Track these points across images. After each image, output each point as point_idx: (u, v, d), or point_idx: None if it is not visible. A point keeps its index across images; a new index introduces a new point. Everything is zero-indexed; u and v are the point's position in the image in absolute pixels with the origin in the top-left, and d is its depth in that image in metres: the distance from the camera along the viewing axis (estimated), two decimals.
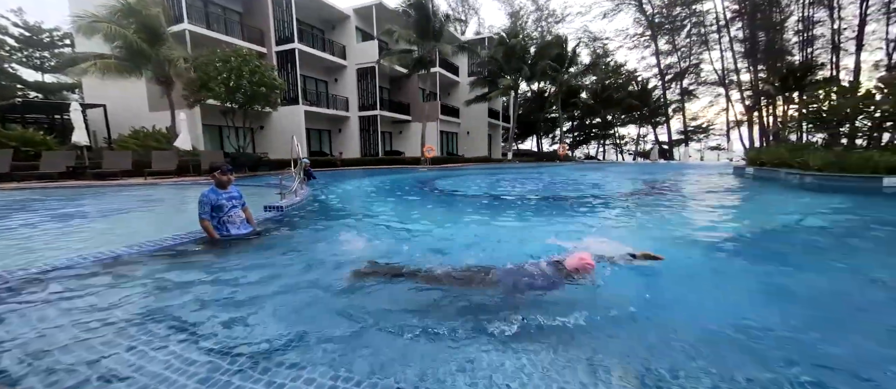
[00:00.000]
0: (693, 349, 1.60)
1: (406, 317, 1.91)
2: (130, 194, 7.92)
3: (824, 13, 27.27)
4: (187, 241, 3.41)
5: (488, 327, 1.77)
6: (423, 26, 19.42)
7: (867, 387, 1.38)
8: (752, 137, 30.24)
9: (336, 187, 9.51)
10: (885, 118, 9.02)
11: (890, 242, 3.93)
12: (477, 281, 2.26)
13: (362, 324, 1.84)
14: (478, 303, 2.07)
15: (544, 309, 1.94)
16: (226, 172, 3.64)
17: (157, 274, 2.57)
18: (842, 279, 2.71)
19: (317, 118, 20.84)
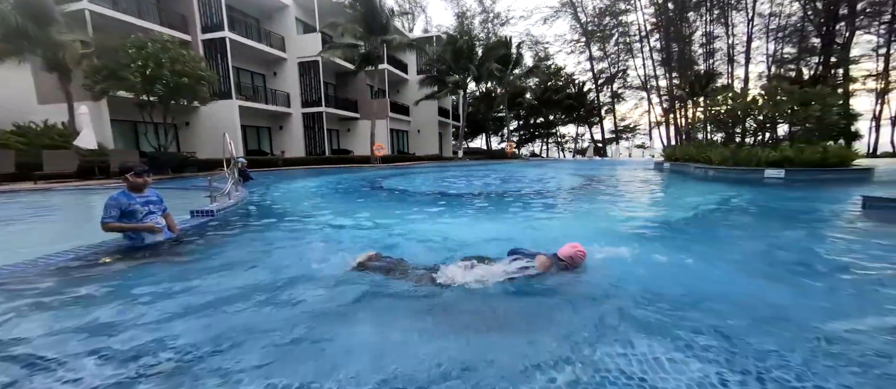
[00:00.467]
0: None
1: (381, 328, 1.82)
2: (16, 202, 6.63)
3: (722, 30, 31.98)
4: (87, 254, 2.96)
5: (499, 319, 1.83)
6: (370, 21, 18.91)
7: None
8: (669, 135, 34.33)
9: (277, 189, 8.89)
10: (765, 120, 10.83)
11: (764, 217, 4.96)
12: (478, 273, 2.28)
13: (300, 338, 1.70)
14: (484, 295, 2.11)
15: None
16: (141, 173, 3.19)
17: (45, 296, 2.19)
18: (729, 244, 3.28)
19: (254, 114, 19.27)
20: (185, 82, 12.18)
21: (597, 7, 38.46)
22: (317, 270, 2.61)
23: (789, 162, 8.46)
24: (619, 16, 37.33)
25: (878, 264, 2.73)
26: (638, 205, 6.37)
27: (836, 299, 2.18)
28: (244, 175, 9.64)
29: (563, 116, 41.25)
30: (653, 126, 38.91)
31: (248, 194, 6.86)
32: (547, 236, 4.00)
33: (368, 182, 10.47)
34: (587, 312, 1.95)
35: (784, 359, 1.45)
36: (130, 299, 2.15)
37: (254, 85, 19.89)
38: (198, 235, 3.82)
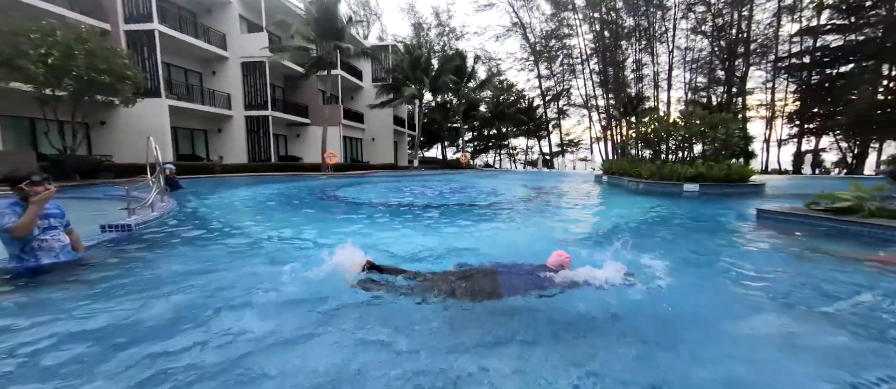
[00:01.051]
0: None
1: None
2: None
3: (648, 58, 36.10)
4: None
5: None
6: (324, 25, 18.33)
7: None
8: (607, 150, 37.58)
9: (211, 199, 8.12)
10: (683, 140, 12.35)
11: (682, 226, 5.57)
12: (478, 283, 2.29)
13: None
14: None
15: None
16: (36, 182, 2.65)
17: None
18: (653, 247, 3.64)
19: (188, 115, 17.52)
20: (102, 79, 10.72)
21: (544, 29, 41.31)
22: (256, 296, 2.39)
23: (702, 178, 9.70)
24: (563, 39, 40.45)
25: (757, 265, 3.23)
26: (581, 215, 6.86)
27: (716, 293, 2.53)
28: (172, 183, 8.67)
29: (514, 129, 43.26)
30: (593, 141, 42.38)
31: (175, 206, 6.16)
32: (504, 241, 4.12)
33: (317, 191, 9.99)
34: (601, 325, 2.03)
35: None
36: (12, 338, 1.80)
37: (188, 83, 18.12)
38: (110, 255, 3.33)
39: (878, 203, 4.47)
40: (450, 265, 2.89)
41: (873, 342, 1.87)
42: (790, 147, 31.96)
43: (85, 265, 2.90)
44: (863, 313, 2.24)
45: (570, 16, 38.65)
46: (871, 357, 1.74)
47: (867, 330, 1.98)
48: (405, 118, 33.54)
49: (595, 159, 39.86)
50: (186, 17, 17.72)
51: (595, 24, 37.05)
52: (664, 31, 34.90)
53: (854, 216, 4.36)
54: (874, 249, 3.63)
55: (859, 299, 2.43)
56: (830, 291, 2.59)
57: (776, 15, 29.62)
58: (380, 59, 24.66)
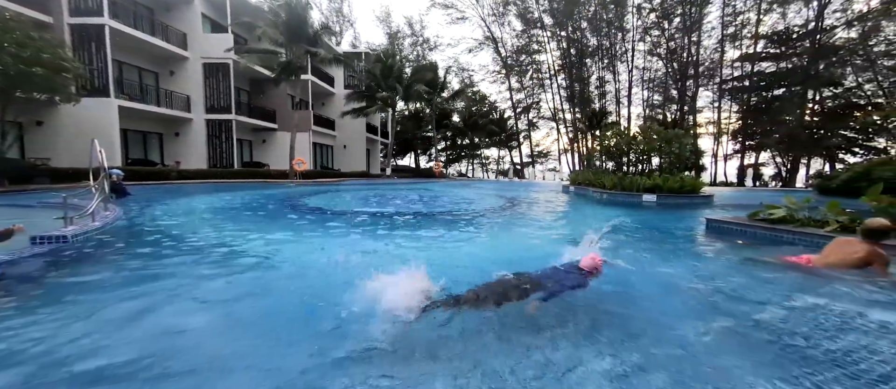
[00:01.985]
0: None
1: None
2: None
3: (610, 76, 38.42)
4: None
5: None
6: (293, 28, 17.88)
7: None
8: (574, 162, 39.19)
9: (164, 207, 7.56)
10: (642, 154, 13.18)
11: (638, 234, 5.75)
12: (515, 292, 2.29)
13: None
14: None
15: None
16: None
17: None
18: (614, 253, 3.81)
19: (142, 118, 16.33)
20: (34, 71, 9.76)
21: (515, 44, 42.76)
22: (193, 316, 2.23)
23: (659, 189, 10.36)
24: (532, 55, 42.07)
25: (706, 270, 3.48)
26: (552, 223, 7.07)
27: (665, 293, 2.70)
28: (119, 190, 8.00)
29: (486, 140, 44.10)
30: (561, 153, 44.09)
31: (121, 214, 5.67)
32: (482, 248, 4.14)
33: (282, 201, 9.60)
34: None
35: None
36: None
37: (143, 84, 16.93)
38: (41, 270, 3.00)
39: (807, 213, 4.99)
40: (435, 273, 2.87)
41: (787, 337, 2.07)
42: (734, 161, 35.01)
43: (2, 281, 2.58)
44: (784, 314, 2.47)
45: (539, 33, 40.36)
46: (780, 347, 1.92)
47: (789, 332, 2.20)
48: (378, 126, 33.23)
49: (563, 169, 41.46)
50: (142, 14, 16.64)
51: (562, 42, 38.93)
52: (624, 51, 37.34)
53: (787, 225, 4.82)
54: (798, 253, 4.05)
55: (782, 301, 2.69)
56: (757, 293, 2.84)
57: (720, 42, 32.65)
58: (352, 65, 24.37)
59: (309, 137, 22.67)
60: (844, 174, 8.50)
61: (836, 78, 27.04)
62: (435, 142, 35.54)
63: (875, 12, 23.79)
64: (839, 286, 2.82)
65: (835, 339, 2.02)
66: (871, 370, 1.69)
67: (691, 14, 32.82)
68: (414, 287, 2.22)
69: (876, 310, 2.37)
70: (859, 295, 2.66)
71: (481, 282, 2.42)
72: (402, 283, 2.24)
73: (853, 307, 2.42)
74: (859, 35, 24.95)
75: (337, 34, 40.56)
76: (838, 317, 2.30)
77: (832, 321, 2.26)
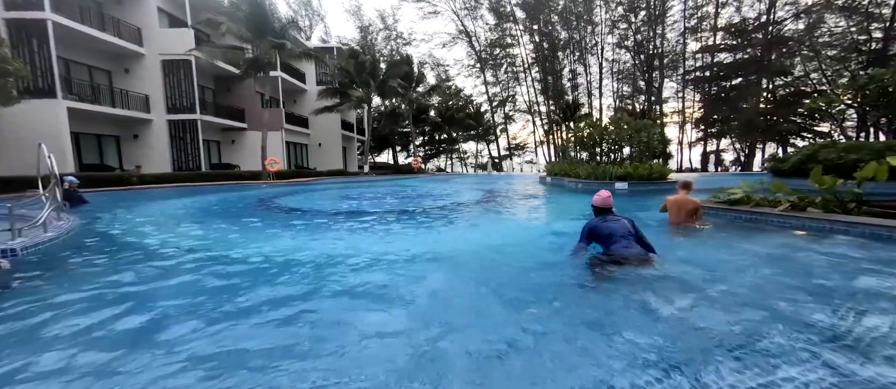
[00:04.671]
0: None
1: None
2: None
3: (582, 68, 39.45)
4: None
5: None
6: (258, 22, 17.12)
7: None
8: (550, 153, 40.07)
9: (129, 213, 7.11)
10: (614, 143, 13.67)
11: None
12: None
13: None
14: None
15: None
16: None
17: None
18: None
19: (94, 119, 15.22)
20: None
21: (488, 38, 42.94)
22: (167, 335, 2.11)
23: (630, 176, 10.80)
24: (506, 48, 42.42)
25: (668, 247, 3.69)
26: (533, 212, 7.23)
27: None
28: (74, 198, 7.45)
29: (464, 134, 44.26)
30: (537, 145, 44.94)
31: (77, 224, 5.29)
32: (467, 237, 4.17)
33: (254, 201, 9.26)
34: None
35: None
36: None
37: (94, 83, 15.73)
38: None
39: (761, 195, 5.36)
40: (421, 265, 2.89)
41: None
42: (698, 149, 37.00)
43: None
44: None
45: (511, 26, 40.71)
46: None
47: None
48: (354, 123, 32.58)
49: (540, 161, 42.29)
50: (90, 7, 15.39)
51: (534, 36, 39.49)
52: (594, 44, 38.37)
53: (743, 206, 5.17)
54: (756, 232, 4.37)
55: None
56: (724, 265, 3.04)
57: (683, 34, 34.20)
58: (324, 60, 23.64)
59: (281, 136, 21.91)
60: (794, 157, 9.17)
61: (787, 68, 29.04)
62: (413, 137, 35.27)
63: (818, 6, 25.66)
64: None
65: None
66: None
67: (655, 7, 34.12)
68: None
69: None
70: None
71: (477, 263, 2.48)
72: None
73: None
74: (806, 27, 26.86)
75: (306, 28, 39.27)
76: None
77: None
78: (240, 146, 21.59)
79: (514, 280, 2.95)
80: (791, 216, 4.47)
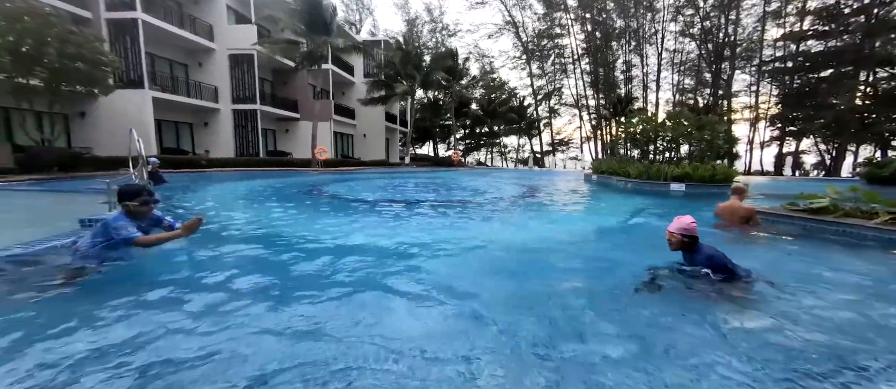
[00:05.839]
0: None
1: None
2: None
3: (638, 60, 36.66)
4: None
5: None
6: (312, 18, 18.03)
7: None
8: (597, 150, 38.04)
9: (199, 194, 7.95)
10: (671, 141, 12.59)
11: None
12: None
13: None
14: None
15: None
16: (149, 202, 2.90)
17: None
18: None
19: (173, 108, 17.09)
20: (76, 66, 10.35)
21: (536, 29, 41.45)
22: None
23: (688, 177, 9.90)
24: (555, 38, 40.67)
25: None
26: (579, 211, 6.94)
27: None
28: (156, 178, 8.46)
29: (505, 128, 43.43)
30: (583, 141, 42.86)
31: (159, 201, 6.00)
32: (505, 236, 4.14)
33: (308, 187, 9.87)
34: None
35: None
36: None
37: (173, 75, 17.65)
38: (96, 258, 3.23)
39: (852, 204, 4.64)
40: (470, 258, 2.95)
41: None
42: (772, 149, 32.91)
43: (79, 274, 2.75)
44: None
45: (562, 15, 38.89)
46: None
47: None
48: (397, 115, 33.34)
49: (585, 158, 40.34)
50: (171, 7, 17.21)
51: (586, 25, 37.38)
52: (653, 33, 35.46)
53: (829, 216, 4.51)
54: (847, 247, 3.80)
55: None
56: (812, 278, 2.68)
57: (761, 20, 30.36)
58: (372, 54, 24.40)
59: (330, 127, 23.06)
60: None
61: (894, 57, 24.63)
62: (454, 130, 35.31)
63: None
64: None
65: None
66: None
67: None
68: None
69: None
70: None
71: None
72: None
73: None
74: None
75: (356, 22, 40.65)
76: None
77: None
78: (293, 135, 23.08)
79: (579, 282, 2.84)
80: (891, 230, 3.82)
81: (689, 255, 2.71)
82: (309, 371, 1.53)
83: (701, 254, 2.63)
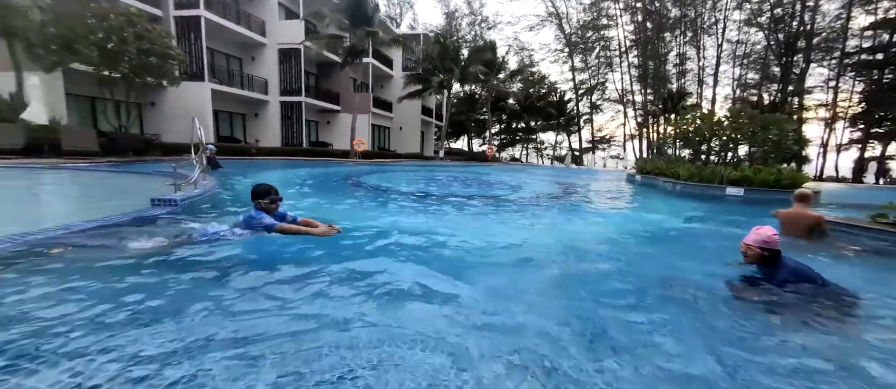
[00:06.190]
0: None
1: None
2: None
3: (694, 52, 33.80)
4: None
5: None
6: (355, 12, 18.53)
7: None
8: (642, 149, 35.83)
9: (250, 179, 8.53)
10: (728, 141, 11.53)
11: (725, 230, 5.12)
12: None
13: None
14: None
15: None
16: (276, 200, 3.33)
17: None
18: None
19: (228, 99, 18.42)
20: (150, 61, 11.46)
21: (581, 20, 39.59)
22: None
23: (748, 181, 9.04)
24: (600, 30, 38.61)
25: None
26: (624, 214, 6.61)
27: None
28: (213, 163, 9.19)
29: (543, 123, 42.17)
30: (627, 139, 40.56)
31: (216, 184, 6.53)
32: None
33: (347, 177, 10.25)
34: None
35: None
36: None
37: (229, 69, 19.00)
38: (160, 224, 3.59)
39: None
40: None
41: None
42: (852, 153, 29.09)
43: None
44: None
45: (609, 5, 36.78)
46: None
47: None
48: (433, 108, 33.53)
49: (628, 157, 38.19)
50: (229, 4, 18.47)
51: (637, 15, 35.06)
52: (713, 22, 32.48)
53: None
54: None
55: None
56: None
57: (847, 5, 26.66)
58: (411, 47, 24.67)
59: (368, 119, 23.71)
60: None
61: None
62: (489, 125, 34.88)
63: None
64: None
65: None
66: None
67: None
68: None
69: None
70: None
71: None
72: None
73: None
74: None
75: (396, 16, 41.23)
76: None
77: None
78: (333, 127, 24.03)
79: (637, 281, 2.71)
80: None
81: (768, 270, 2.38)
82: (343, 359, 1.57)
83: (784, 269, 2.30)
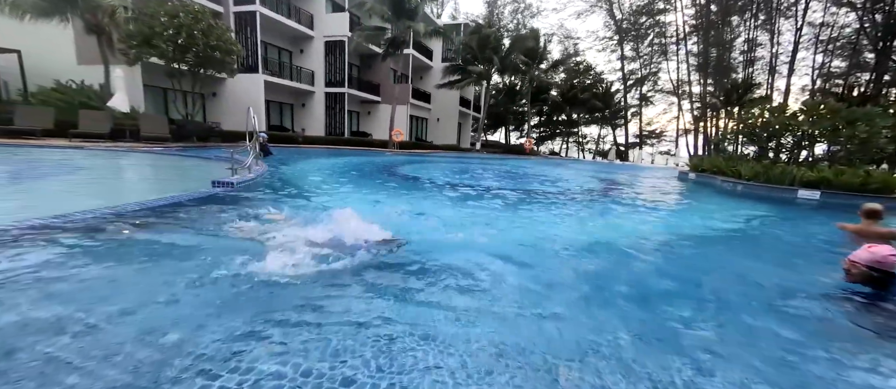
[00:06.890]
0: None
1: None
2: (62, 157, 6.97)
3: (766, 37, 30.18)
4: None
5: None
6: (398, 3, 18.70)
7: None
8: (697, 145, 32.96)
9: (297, 166, 9.05)
10: (805, 138, 10.23)
11: (794, 239, 4.57)
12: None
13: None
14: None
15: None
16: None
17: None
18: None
19: (278, 90, 19.55)
20: (214, 55, 12.44)
21: (634, 4, 36.86)
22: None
23: (827, 184, 7.99)
24: (656, 15, 35.73)
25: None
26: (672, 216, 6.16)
27: None
28: (265, 150, 9.83)
29: (586, 116, 40.19)
30: (680, 134, 37.52)
31: (267, 169, 7.01)
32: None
33: (386, 167, 10.51)
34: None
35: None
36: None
37: (280, 61, 20.12)
38: (221, 202, 3.92)
39: None
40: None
41: None
42: None
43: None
44: None
45: None
46: None
47: None
48: (471, 100, 33.21)
49: (681, 153, 35.39)
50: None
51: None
52: (792, 3, 28.67)
53: None
54: None
55: None
56: None
57: None
58: (451, 37, 24.50)
59: (407, 110, 24.05)
60: None
61: None
62: (528, 117, 33.90)
63: None
64: None
65: None
66: None
67: None
68: None
69: None
70: None
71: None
72: None
73: None
74: None
75: (437, 6, 40.99)
76: None
77: None
78: (373, 117, 24.68)
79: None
80: None
81: (878, 294, 2.08)
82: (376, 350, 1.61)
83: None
